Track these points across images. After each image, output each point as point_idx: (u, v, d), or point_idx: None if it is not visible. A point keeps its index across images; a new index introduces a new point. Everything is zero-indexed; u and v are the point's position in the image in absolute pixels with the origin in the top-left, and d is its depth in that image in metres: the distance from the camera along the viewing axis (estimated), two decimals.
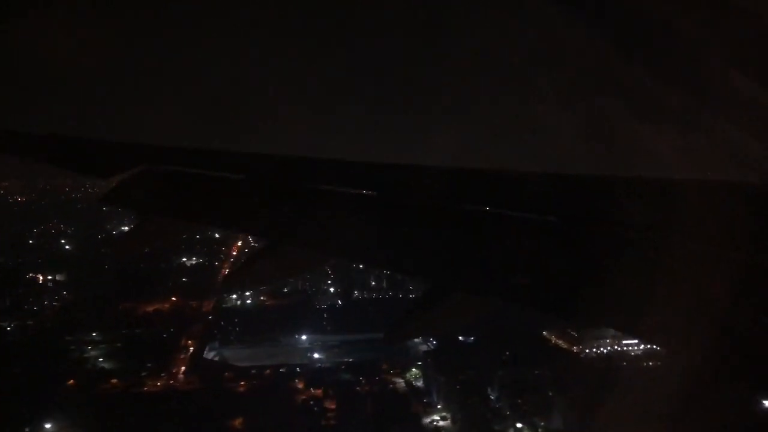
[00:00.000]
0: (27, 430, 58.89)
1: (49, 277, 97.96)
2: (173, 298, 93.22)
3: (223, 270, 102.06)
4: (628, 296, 3.27)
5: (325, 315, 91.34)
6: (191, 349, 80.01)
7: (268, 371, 74.58)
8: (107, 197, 5.76)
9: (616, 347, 78.22)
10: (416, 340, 76.65)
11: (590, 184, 4.32)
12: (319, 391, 69.26)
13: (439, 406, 68.32)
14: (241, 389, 69.93)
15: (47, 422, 59.69)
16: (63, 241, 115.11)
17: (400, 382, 74.08)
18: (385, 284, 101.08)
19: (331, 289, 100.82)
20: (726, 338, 2.87)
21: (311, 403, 67.71)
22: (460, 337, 78.05)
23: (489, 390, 67.56)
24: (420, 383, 73.92)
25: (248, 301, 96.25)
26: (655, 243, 3.46)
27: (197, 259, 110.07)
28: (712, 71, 4.49)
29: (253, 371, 74.37)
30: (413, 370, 75.78)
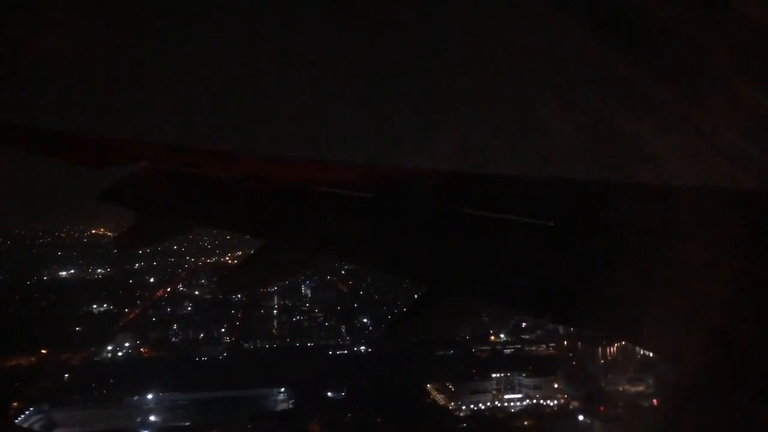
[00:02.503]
0: None
1: None
2: (43, 351, 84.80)
3: (131, 315, 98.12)
4: (627, 301, 3.26)
5: (198, 369, 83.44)
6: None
7: None
8: (106, 195, 5.75)
9: (496, 403, 76.67)
10: (274, 396, 74.75)
11: (588, 188, 4.30)
12: None
13: None
14: None
15: None
16: None
17: None
18: (287, 332, 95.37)
19: (226, 338, 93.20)
20: (725, 346, 2.85)
21: None
22: (329, 393, 74.66)
23: None
24: None
25: (122, 353, 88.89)
26: (654, 248, 3.45)
27: (107, 306, 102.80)
28: (713, 75, 4.49)
29: None
30: None
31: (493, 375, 78.77)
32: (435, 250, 4.11)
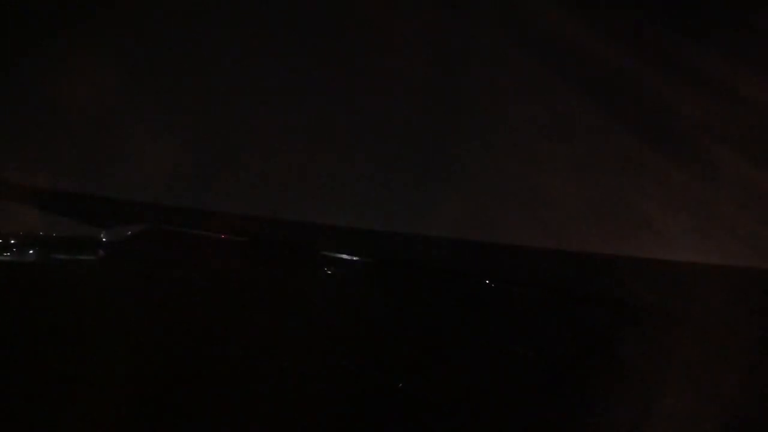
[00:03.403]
0: None
1: None
2: None
3: None
4: (634, 380, 3.20)
5: None
6: None
7: None
8: (114, 255, 5.77)
9: None
10: None
11: (596, 262, 4.30)
12: None
13: None
14: None
15: None
16: None
17: None
18: None
19: None
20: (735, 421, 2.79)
21: None
22: None
23: None
24: None
25: None
26: (659, 324, 3.42)
27: None
28: (723, 158, 4.55)
29: None
30: None
31: None
32: (435, 315, 4.09)
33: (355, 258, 4.73)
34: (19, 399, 3.45)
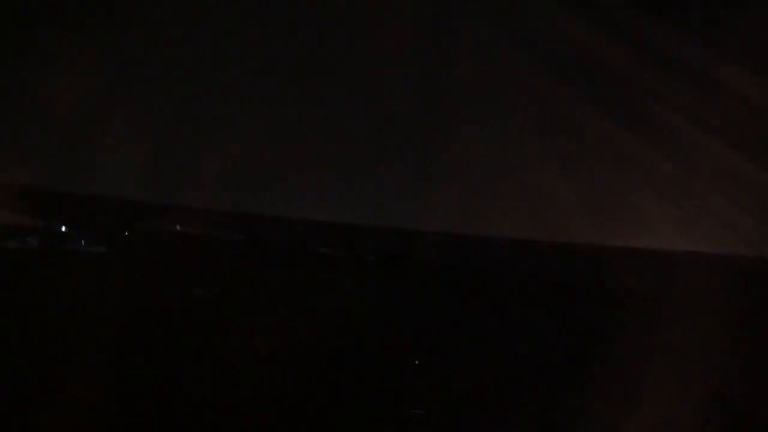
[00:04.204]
0: None
1: None
2: None
3: None
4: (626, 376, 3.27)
5: None
6: None
7: None
8: (108, 257, 5.76)
9: None
10: None
11: (589, 253, 4.36)
12: None
13: None
14: None
15: None
16: None
17: None
18: None
19: None
20: (721, 414, 2.87)
21: None
22: None
23: None
24: None
25: None
26: (651, 316, 3.49)
27: None
28: (708, 145, 4.64)
29: None
30: None
31: None
32: (433, 314, 4.14)
33: (350, 254, 4.78)
34: (10, 404, 3.50)
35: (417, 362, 3.98)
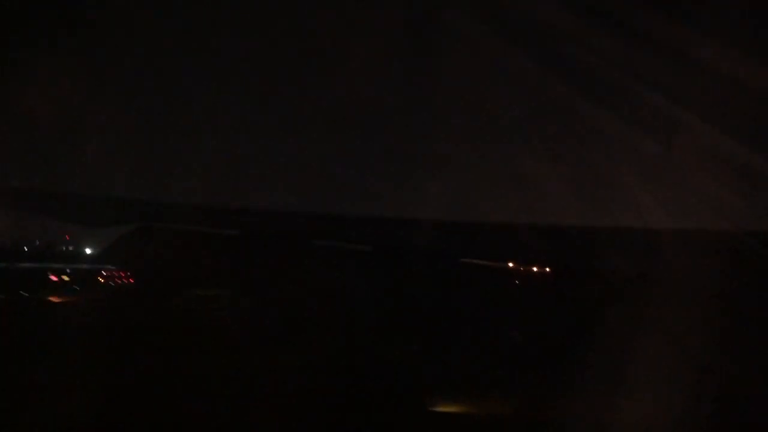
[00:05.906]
0: None
1: None
2: None
3: None
4: (616, 349, 3.34)
5: None
6: None
7: None
8: (105, 256, 5.78)
9: None
10: None
11: (578, 235, 4.42)
12: None
13: None
14: None
15: None
16: None
17: None
18: None
19: None
20: (710, 388, 2.94)
21: None
22: None
23: None
24: None
25: None
26: (640, 294, 3.56)
27: None
28: (689, 124, 4.70)
29: None
30: None
31: None
32: (429, 299, 4.20)
33: (346, 245, 4.84)
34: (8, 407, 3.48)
35: (416, 348, 4.05)
